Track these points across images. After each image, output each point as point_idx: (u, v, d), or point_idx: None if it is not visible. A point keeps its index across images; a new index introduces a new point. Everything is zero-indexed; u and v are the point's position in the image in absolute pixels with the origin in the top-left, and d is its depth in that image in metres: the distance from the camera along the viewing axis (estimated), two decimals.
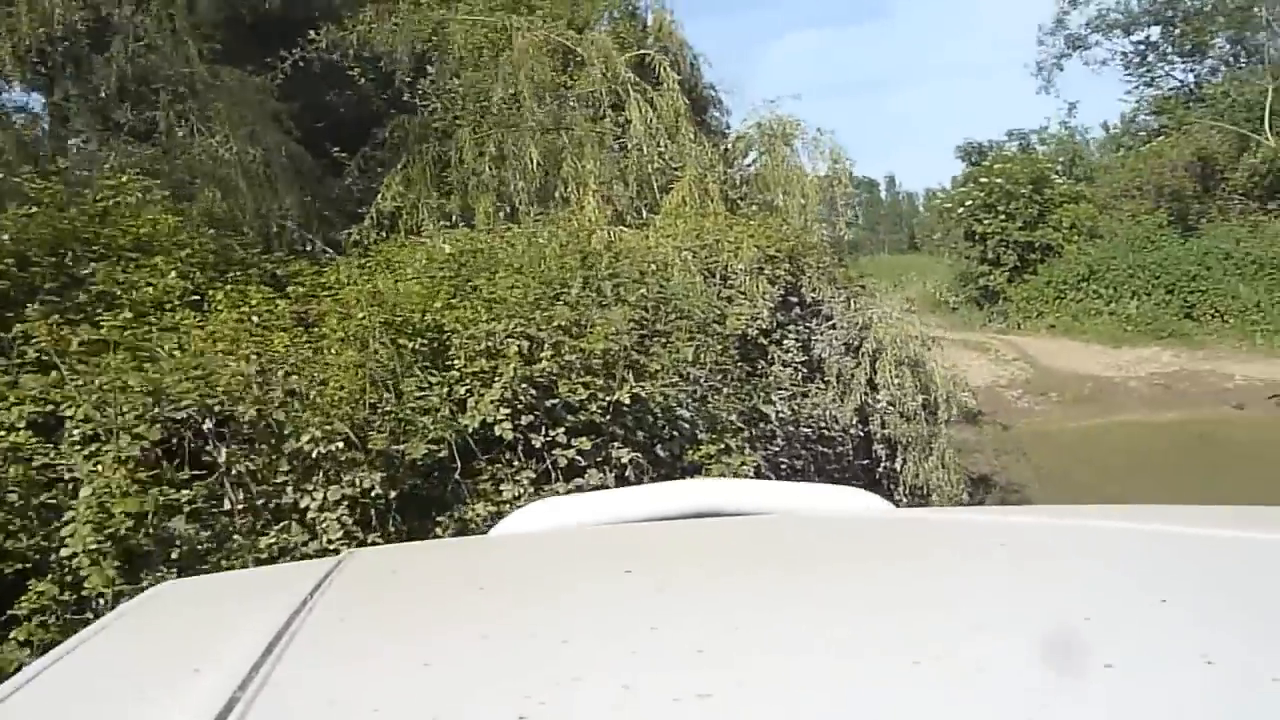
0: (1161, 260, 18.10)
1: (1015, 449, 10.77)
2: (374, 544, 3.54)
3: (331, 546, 3.54)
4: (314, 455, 3.70)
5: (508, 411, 4.30)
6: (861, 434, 7.29)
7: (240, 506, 3.66)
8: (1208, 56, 25.24)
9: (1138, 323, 17.74)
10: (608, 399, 4.60)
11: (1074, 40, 26.74)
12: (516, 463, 4.36)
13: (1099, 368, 16.09)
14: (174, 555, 3.33)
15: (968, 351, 18.01)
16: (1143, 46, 25.95)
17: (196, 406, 3.68)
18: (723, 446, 5.11)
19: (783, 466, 5.89)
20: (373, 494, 3.61)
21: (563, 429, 4.48)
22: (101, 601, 3.11)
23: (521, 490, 4.27)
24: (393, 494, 3.67)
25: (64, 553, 3.21)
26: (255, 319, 4.32)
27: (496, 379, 4.28)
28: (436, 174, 9.09)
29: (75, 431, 3.50)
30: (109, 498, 3.24)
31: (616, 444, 4.64)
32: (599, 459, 4.61)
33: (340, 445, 3.70)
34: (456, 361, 4.41)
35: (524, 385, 4.40)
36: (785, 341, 7.16)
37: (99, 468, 3.33)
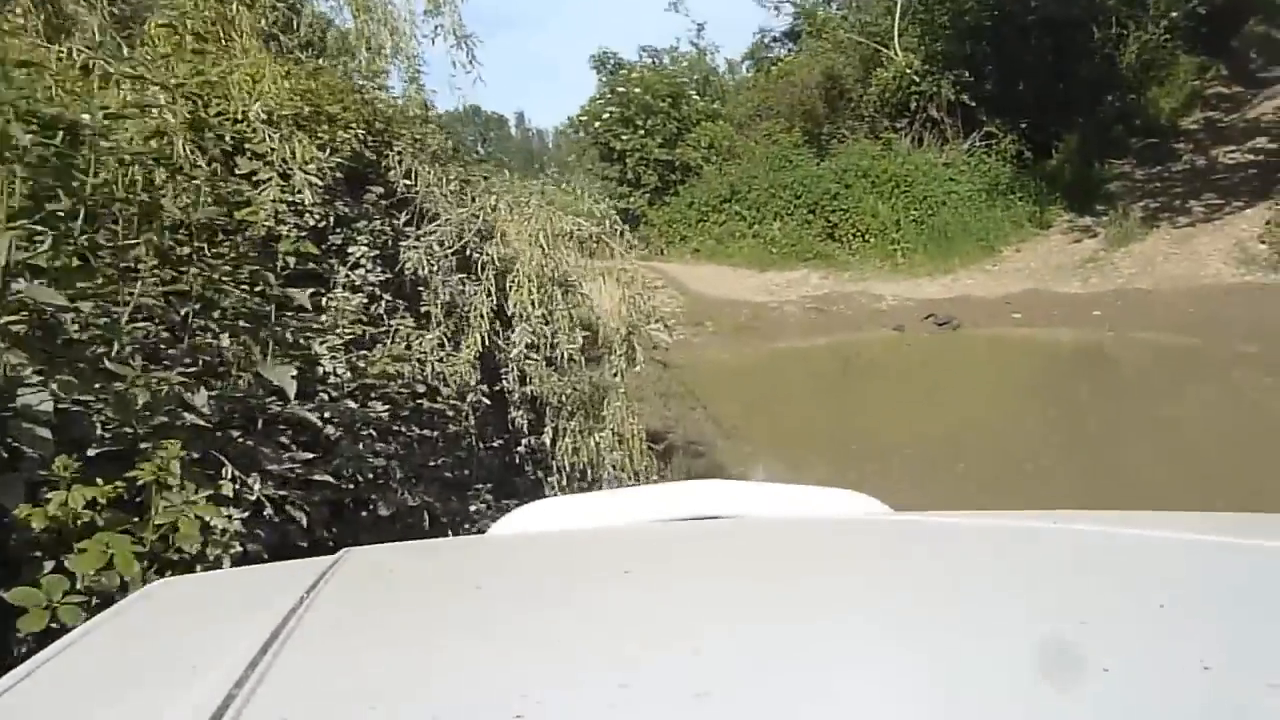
0: (801, 180, 17.24)
1: (686, 393, 8.71)
2: None
3: None
4: None
5: None
6: (488, 399, 4.51)
7: None
8: None
9: (782, 245, 16.76)
10: None
11: None
12: None
13: (750, 293, 14.77)
14: None
15: (609, 279, 16.04)
16: None
17: None
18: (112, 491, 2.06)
19: (309, 507, 2.86)
20: None
21: None
22: None
23: None
24: None
25: None
26: None
27: None
28: None
29: None
30: None
31: None
32: None
33: None
34: None
35: None
36: (351, 250, 4.18)
37: None
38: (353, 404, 3.28)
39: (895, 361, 10.32)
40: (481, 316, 4.34)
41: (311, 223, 4.05)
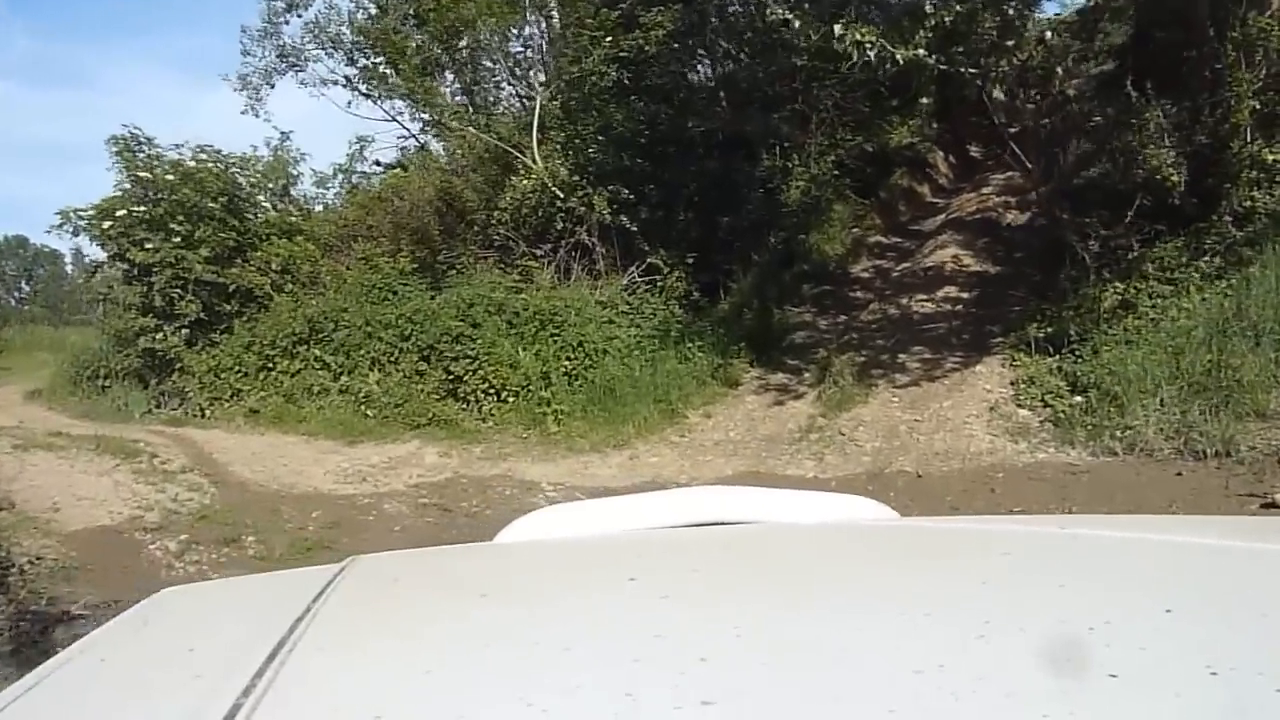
0: (410, 316, 12.46)
1: None
2: None
3: None
4: None
5: None
6: None
7: None
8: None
9: (383, 405, 11.69)
10: None
11: (289, 54, 20.85)
12: None
13: (332, 479, 9.41)
14: None
15: (98, 458, 9.82)
16: (370, 75, 21.15)
17: None
18: None
19: None
20: None
21: None
22: None
23: None
24: None
25: None
26: None
27: None
28: None
29: None
30: None
31: None
32: None
33: None
34: None
35: None
36: None
37: None
38: None
39: None
40: None
41: None
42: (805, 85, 14.01)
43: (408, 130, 19.65)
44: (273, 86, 20.40)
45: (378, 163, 20.40)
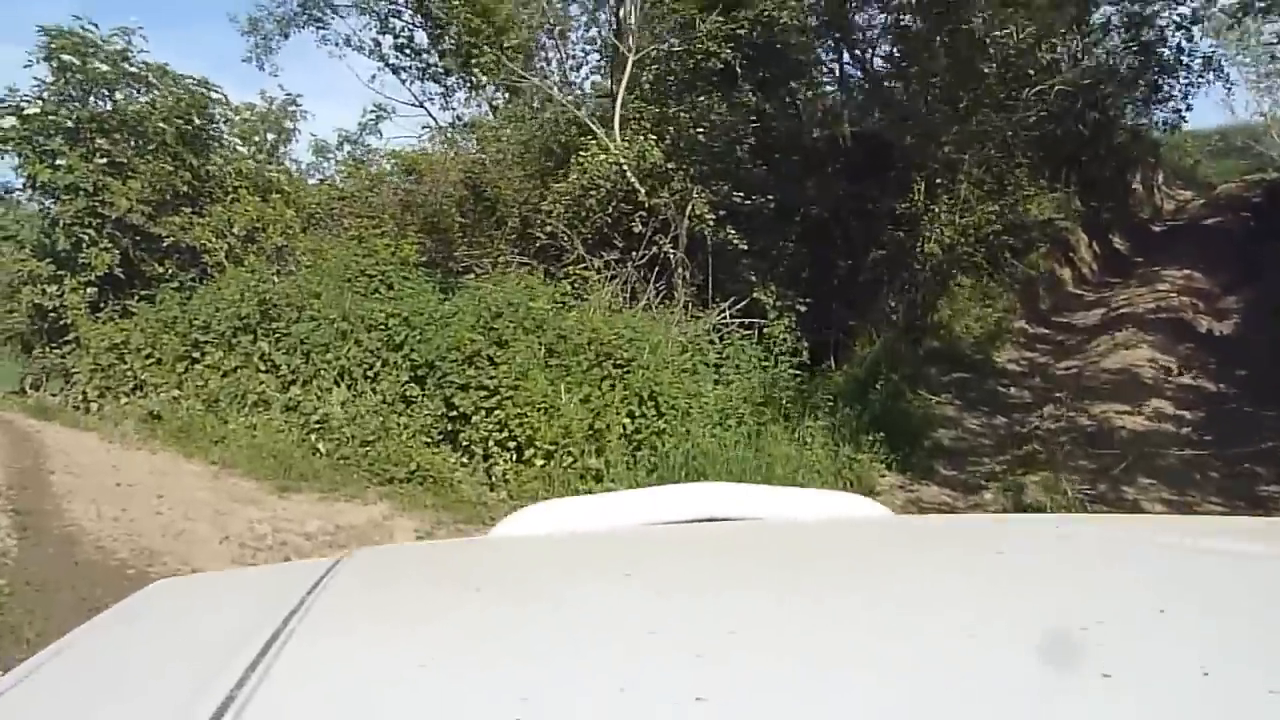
0: (409, 317, 8.68)
1: None
2: None
3: None
4: None
5: None
6: None
7: None
8: (480, 88, 17.99)
9: (345, 440, 7.84)
10: None
11: (312, 8, 17.40)
12: None
13: (231, 552, 5.52)
14: None
15: None
16: (406, 48, 17.66)
17: None
18: None
19: None
20: None
21: None
22: None
23: None
24: None
25: None
26: None
27: None
28: None
29: None
30: None
31: None
32: None
33: None
34: None
35: None
36: None
37: None
38: None
39: None
40: None
41: None
42: (976, 102, 10.52)
43: (434, 120, 16.12)
44: (286, 36, 17.00)
45: (395, 153, 16.85)
